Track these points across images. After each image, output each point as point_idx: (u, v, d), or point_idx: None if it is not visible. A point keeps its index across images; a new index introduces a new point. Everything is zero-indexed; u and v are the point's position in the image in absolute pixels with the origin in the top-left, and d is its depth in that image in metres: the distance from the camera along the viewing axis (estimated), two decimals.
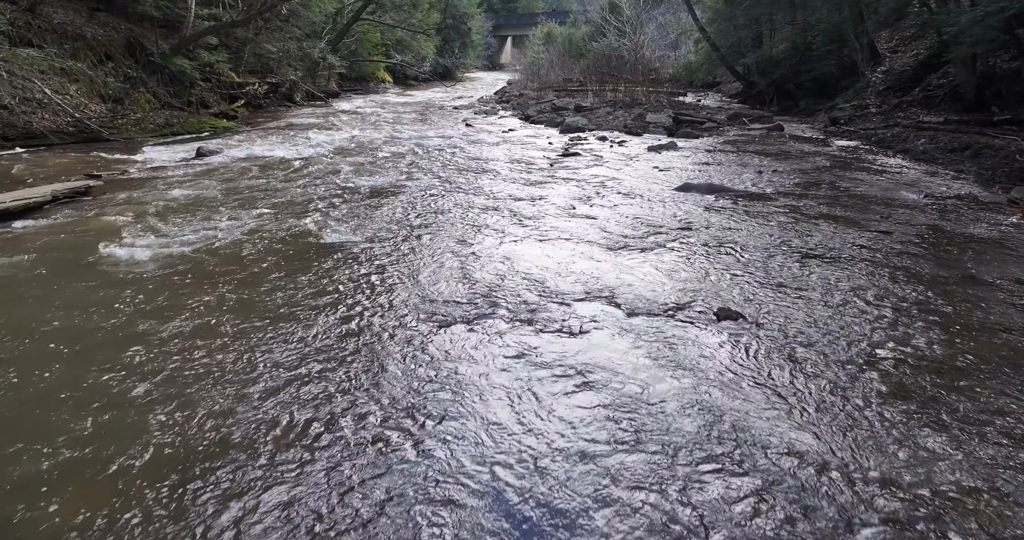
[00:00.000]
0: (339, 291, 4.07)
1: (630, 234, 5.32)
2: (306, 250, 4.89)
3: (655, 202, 6.44)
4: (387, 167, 8.52)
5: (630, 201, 6.49)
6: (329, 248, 4.95)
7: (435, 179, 7.71)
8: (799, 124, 13.13)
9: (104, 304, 3.80)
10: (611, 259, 4.68)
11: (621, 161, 8.89)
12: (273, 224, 5.54)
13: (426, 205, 6.35)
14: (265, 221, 5.64)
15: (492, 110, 17.39)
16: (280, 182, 7.42)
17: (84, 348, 3.27)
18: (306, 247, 4.97)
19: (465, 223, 5.68)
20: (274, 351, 3.25)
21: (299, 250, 4.89)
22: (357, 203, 6.39)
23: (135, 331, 3.45)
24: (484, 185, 7.33)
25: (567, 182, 7.45)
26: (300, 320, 3.62)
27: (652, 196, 6.71)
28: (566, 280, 4.27)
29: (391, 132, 12.59)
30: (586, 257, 4.73)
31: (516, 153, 9.77)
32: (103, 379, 2.96)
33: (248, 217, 5.76)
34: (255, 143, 10.91)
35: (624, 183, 7.38)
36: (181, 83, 12.94)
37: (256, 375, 3.01)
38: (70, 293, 3.99)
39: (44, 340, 3.35)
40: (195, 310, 3.73)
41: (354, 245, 5.02)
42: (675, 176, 7.77)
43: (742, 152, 9.53)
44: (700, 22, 18.66)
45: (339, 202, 6.42)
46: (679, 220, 5.76)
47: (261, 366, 3.10)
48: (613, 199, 6.59)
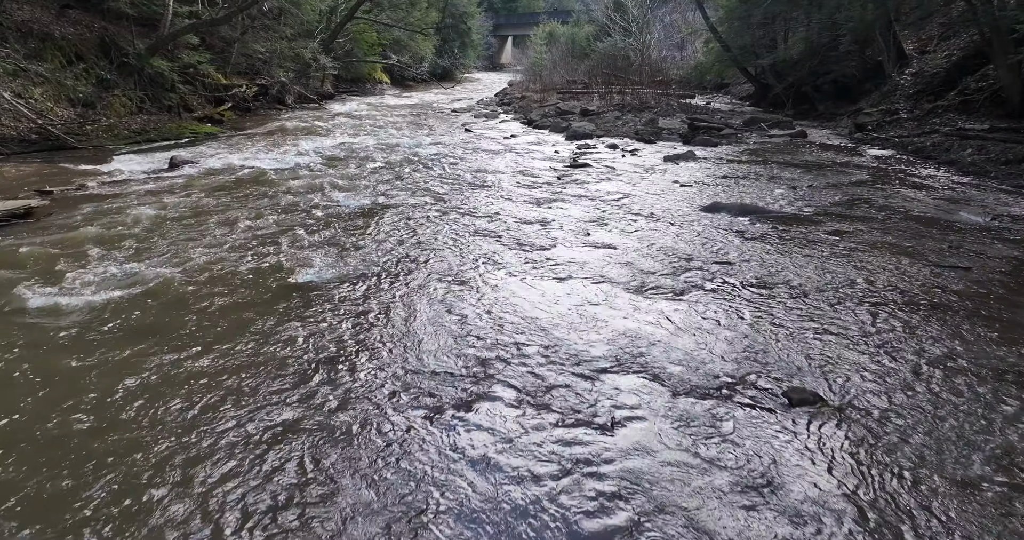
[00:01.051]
0: (301, 359, 3.22)
1: (658, 270, 4.47)
2: (269, 296, 4.04)
3: (682, 226, 5.59)
4: (376, 181, 7.67)
5: (653, 225, 5.64)
6: (298, 291, 4.09)
7: (430, 196, 6.85)
8: (821, 130, 12.27)
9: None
10: (640, 306, 3.83)
11: (636, 174, 8.04)
12: (236, 258, 4.69)
13: (417, 231, 5.49)
14: (228, 253, 4.78)
15: (493, 113, 16.54)
16: (254, 200, 6.56)
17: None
18: (270, 291, 4.11)
19: (462, 255, 4.82)
20: (191, 467, 2.39)
21: (260, 296, 4.03)
22: (338, 228, 5.54)
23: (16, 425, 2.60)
24: (484, 204, 6.48)
25: (579, 200, 6.60)
26: (241, 408, 2.77)
27: (677, 218, 5.86)
28: (587, 337, 3.42)
29: (384, 138, 11.73)
30: (609, 303, 3.88)
31: (520, 164, 8.92)
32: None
33: (210, 248, 4.91)
34: (236, 151, 10.06)
35: (643, 201, 6.53)
36: (160, 86, 12.09)
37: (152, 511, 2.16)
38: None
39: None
40: (105, 386, 2.88)
41: (329, 287, 4.17)
42: (699, 193, 6.92)
43: (768, 163, 8.67)
44: (711, 21, 17.80)
45: (318, 227, 5.57)
46: (714, 251, 4.90)
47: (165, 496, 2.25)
48: (633, 222, 5.74)
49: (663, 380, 2.98)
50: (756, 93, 18.68)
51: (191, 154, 9.72)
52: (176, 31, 10.68)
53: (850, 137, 11.05)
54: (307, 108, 18.02)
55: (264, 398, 2.82)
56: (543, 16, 40.87)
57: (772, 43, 17.26)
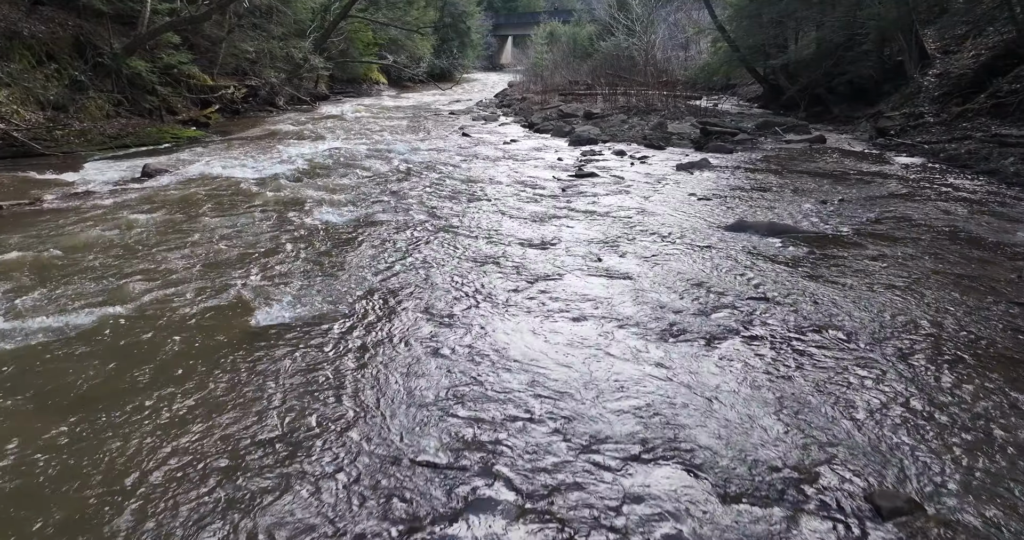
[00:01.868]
0: (239, 440, 2.54)
1: (684, 308, 3.79)
2: (222, 344, 3.36)
3: (705, 250, 4.91)
4: (363, 193, 7.00)
5: (672, 248, 4.96)
6: (255, 340, 3.42)
7: (421, 211, 6.18)
8: (839, 134, 11.60)
9: None
10: (668, 360, 3.15)
11: (648, 185, 7.36)
12: (193, 293, 4.02)
13: (404, 255, 4.82)
14: (184, 287, 4.11)
15: (492, 116, 15.87)
16: (226, 218, 5.89)
17: None
18: (223, 338, 3.44)
19: (453, 289, 4.15)
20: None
21: (210, 344, 3.36)
22: (314, 253, 4.87)
23: None
24: (480, 221, 5.81)
25: (586, 217, 5.93)
26: (152, 517, 2.10)
27: (699, 239, 5.19)
28: (606, 406, 2.75)
29: (377, 143, 11.06)
30: (631, 355, 3.20)
31: (520, 172, 8.25)
32: None
33: (164, 280, 4.24)
34: (217, 158, 9.39)
35: (658, 218, 5.86)
36: (140, 88, 11.42)
37: None
38: None
39: None
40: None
41: (292, 332, 3.49)
42: (719, 208, 6.24)
43: (790, 172, 8.00)
44: (719, 20, 17.12)
45: (292, 251, 4.90)
46: (746, 282, 4.23)
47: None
48: (648, 244, 5.06)
49: (707, 475, 2.31)
50: (765, 94, 18.00)
51: (168, 161, 9.06)
52: (154, 29, 10.01)
53: (872, 143, 10.38)
54: (300, 110, 17.36)
55: (166, 514, 2.14)
56: (544, 15, 40.22)
57: (783, 43, 16.61)
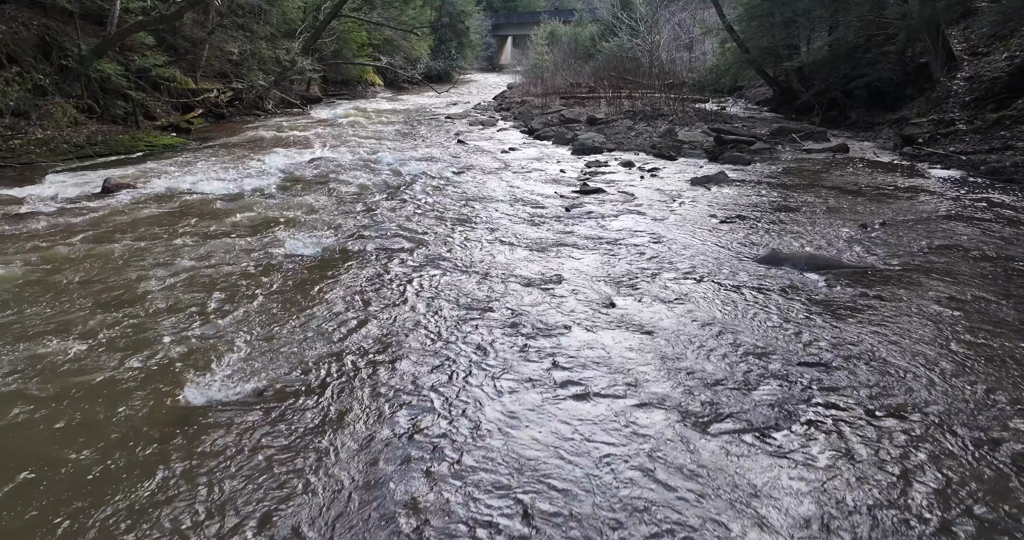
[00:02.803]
0: None
1: (720, 377, 3.04)
2: (135, 433, 2.61)
3: (737, 291, 4.15)
4: (344, 214, 6.24)
5: (697, 288, 4.21)
6: (183, 423, 2.66)
7: (405, 238, 5.42)
8: (860, 142, 10.84)
9: None
10: (703, 467, 2.40)
11: (662, 203, 6.60)
12: (117, 356, 3.26)
13: (379, 303, 4.06)
14: (105, 347, 3.36)
15: (490, 120, 15.12)
16: (179, 247, 5.14)
17: None
18: (138, 424, 2.68)
19: (435, 349, 3.39)
20: None
21: (121, 432, 2.60)
22: (272, 300, 4.11)
23: None
24: (472, 252, 5.05)
25: (594, 244, 5.17)
26: None
27: (726, 276, 4.43)
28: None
29: (366, 152, 10.31)
30: (653, 457, 2.45)
31: (519, 188, 7.49)
32: None
33: (84, 335, 3.48)
34: (190, 169, 8.64)
35: (677, 246, 5.10)
36: (114, 92, 10.65)
37: None
38: None
39: None
40: None
41: (229, 417, 2.74)
42: (746, 233, 5.48)
43: (817, 188, 7.24)
44: (727, 20, 16.35)
45: (244, 294, 4.14)
46: (793, 337, 3.47)
47: None
48: (668, 283, 4.31)
49: None
50: (775, 97, 17.25)
51: (135, 173, 8.31)
52: (124, 30, 9.25)
53: (899, 152, 9.62)
54: (289, 114, 16.61)
55: None
56: (544, 15, 39.40)
57: (795, 44, 15.86)
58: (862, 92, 13.48)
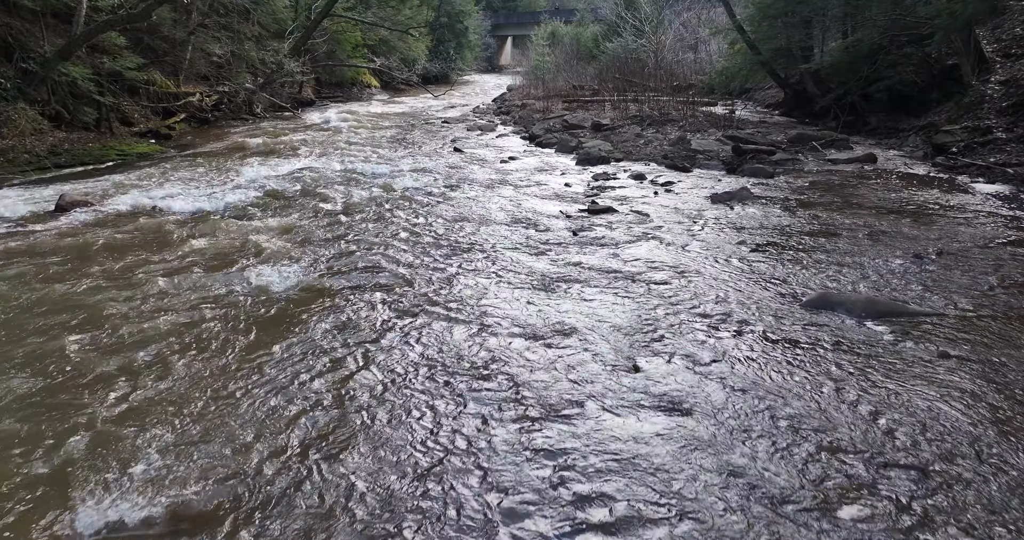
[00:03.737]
0: None
1: (788, 489, 2.30)
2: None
3: (786, 349, 3.41)
4: (321, 240, 5.50)
5: (735, 344, 3.46)
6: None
7: (388, 272, 4.68)
8: (885, 150, 10.10)
9: None
10: None
11: (680, 226, 5.85)
12: (11, 444, 2.53)
13: (348, 363, 3.31)
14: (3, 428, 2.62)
15: (489, 125, 14.38)
16: (129, 282, 4.40)
17: None
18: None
19: (414, 438, 2.65)
20: None
21: None
22: (219, 358, 3.37)
23: None
24: (464, 291, 4.31)
25: (608, 281, 4.42)
26: None
27: (770, 325, 3.69)
28: None
29: (355, 161, 9.57)
30: None
31: (520, 205, 6.75)
32: None
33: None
34: (161, 182, 7.91)
35: (704, 283, 4.35)
36: (86, 97, 9.91)
37: None
38: None
39: None
40: None
41: None
42: (783, 265, 4.73)
43: (854, 206, 6.49)
44: (737, 20, 15.61)
45: (187, 351, 3.40)
46: (870, 421, 2.73)
47: None
48: (701, 336, 3.56)
49: None
50: (787, 101, 16.52)
51: (98, 188, 7.58)
52: (91, 30, 8.52)
53: (931, 162, 8.88)
54: (280, 118, 15.88)
55: None
56: (545, 15, 38.69)
57: (808, 45, 15.12)
58: (882, 96, 12.72)
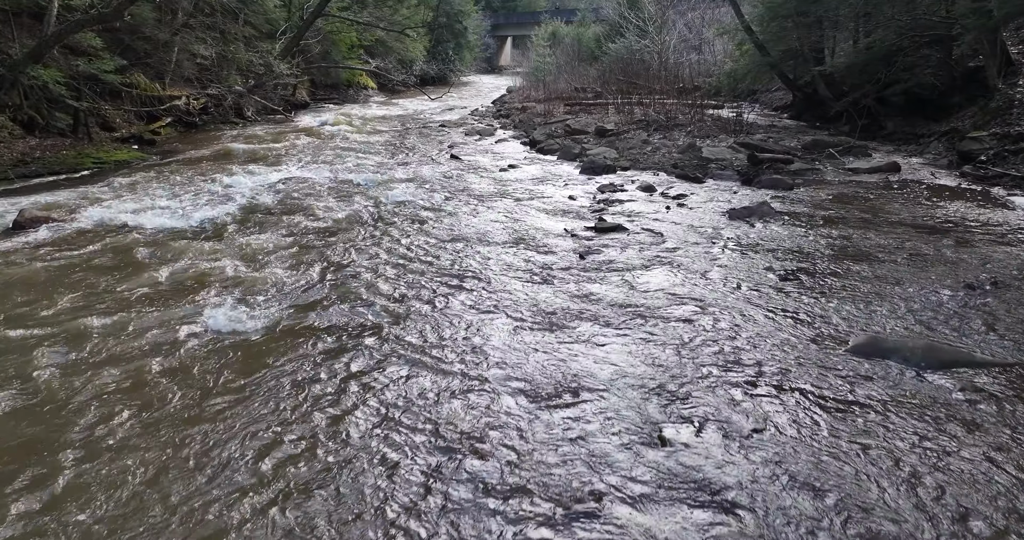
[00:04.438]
0: None
1: None
2: None
3: (838, 411, 2.87)
4: (298, 266, 4.95)
5: (778, 405, 2.92)
6: None
7: (369, 307, 4.13)
8: (906, 157, 9.56)
9: None
10: None
11: (699, 247, 5.31)
12: None
13: (313, 429, 2.77)
14: None
15: (488, 129, 13.83)
16: (77, 317, 3.86)
17: None
18: None
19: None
20: None
21: None
22: (165, 416, 2.82)
23: None
24: (456, 332, 3.76)
25: (622, 319, 3.88)
26: None
27: (815, 379, 3.14)
28: None
29: (345, 170, 9.03)
30: None
31: (521, 222, 6.21)
32: None
33: None
34: (136, 194, 7.37)
35: (732, 323, 3.81)
36: (61, 101, 9.36)
37: None
38: None
39: None
40: None
41: None
42: (818, 298, 4.19)
43: (885, 224, 5.94)
44: (746, 20, 15.06)
45: (127, 412, 2.85)
46: (957, 520, 2.19)
47: None
48: (735, 392, 3.02)
49: None
50: (797, 104, 15.98)
51: (67, 200, 7.05)
52: (61, 30, 7.98)
53: (958, 171, 8.34)
54: (272, 121, 15.33)
55: None
56: (545, 15, 38.14)
57: (820, 46, 14.59)
58: (898, 99, 12.19)
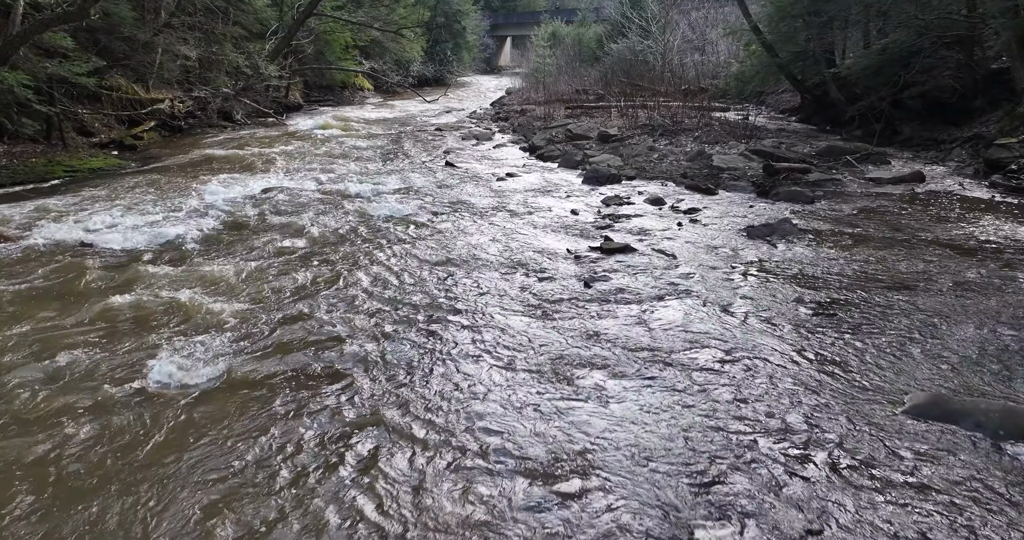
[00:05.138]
0: None
1: None
2: None
3: (903, 499, 2.33)
4: (267, 299, 4.40)
5: (828, 490, 2.38)
6: None
7: (341, 351, 3.58)
8: (926, 164, 9.02)
9: None
10: None
11: (717, 273, 4.76)
12: None
13: (251, 524, 2.23)
14: None
15: (485, 134, 13.29)
16: (8, 365, 3.32)
17: None
18: None
19: None
20: None
21: None
22: (92, 490, 2.28)
23: None
24: (442, 386, 3.22)
25: (634, 365, 3.33)
26: None
27: (867, 450, 2.60)
28: None
29: (333, 179, 8.50)
30: None
31: (518, 240, 5.66)
32: None
33: None
34: (104, 206, 6.84)
35: (764, 372, 3.27)
36: (29, 105, 8.82)
37: None
38: None
39: None
40: None
41: None
42: (860, 341, 3.64)
43: (919, 244, 5.40)
44: (753, 20, 14.53)
45: (52, 475, 2.31)
46: None
47: None
48: (777, 470, 2.48)
49: None
50: (806, 106, 15.45)
51: (27, 214, 6.52)
52: (26, 31, 7.43)
53: (987, 181, 7.80)
54: (263, 124, 14.78)
55: None
56: (545, 15, 37.56)
57: (831, 48, 14.05)
58: (915, 103, 11.65)
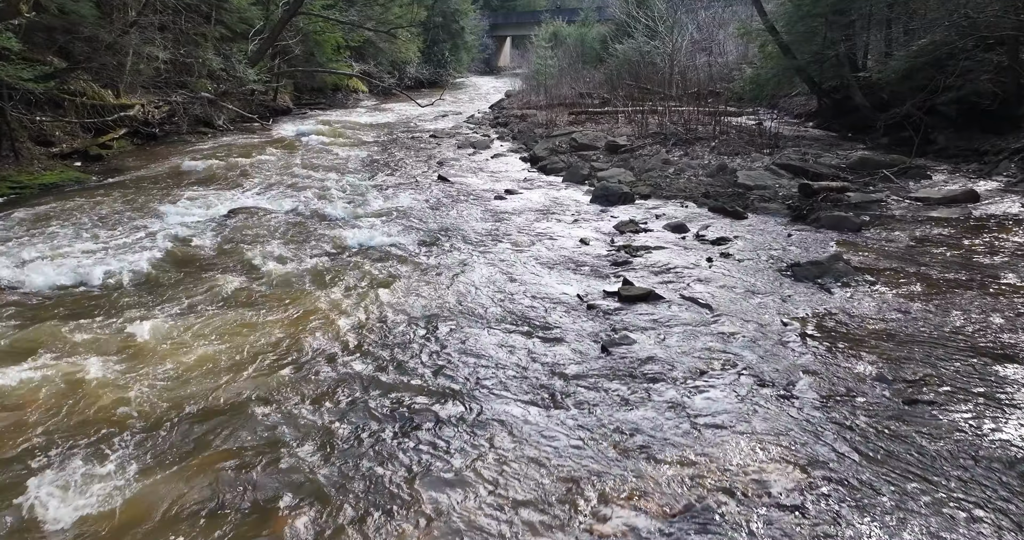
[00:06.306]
0: None
1: None
2: None
3: None
4: (198, 371, 3.49)
5: None
6: None
7: (285, 466, 2.68)
8: (969, 178, 8.12)
9: None
10: None
11: (768, 333, 3.84)
12: None
13: None
14: None
15: (483, 141, 12.38)
16: None
17: None
18: None
19: None
20: None
21: None
22: None
23: None
24: (419, 522, 2.32)
25: (674, 490, 2.43)
26: None
27: None
28: None
29: (311, 197, 7.59)
30: None
31: (518, 282, 4.75)
32: None
33: None
34: (44, 232, 5.94)
35: (851, 505, 2.37)
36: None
37: None
38: None
39: None
40: None
41: None
42: (965, 446, 2.75)
43: (1000, 290, 4.49)
44: (769, 20, 13.64)
45: None
46: None
47: None
48: None
49: None
50: (823, 111, 14.56)
51: None
52: None
53: None
54: (245, 131, 13.87)
55: None
56: (546, 14, 36.63)
57: (853, 50, 13.15)
58: (949, 109, 10.75)
